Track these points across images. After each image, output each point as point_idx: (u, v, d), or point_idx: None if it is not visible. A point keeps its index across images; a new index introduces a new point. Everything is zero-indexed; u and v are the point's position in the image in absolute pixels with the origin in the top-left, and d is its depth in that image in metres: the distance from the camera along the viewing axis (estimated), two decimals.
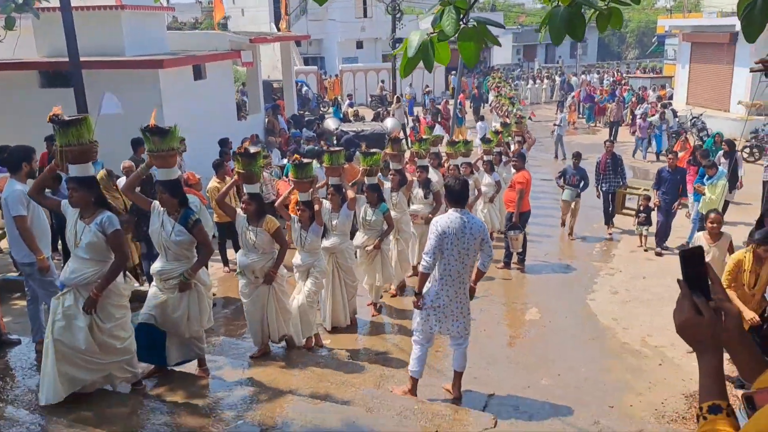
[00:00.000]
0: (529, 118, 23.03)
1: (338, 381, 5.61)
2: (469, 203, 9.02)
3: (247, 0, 37.11)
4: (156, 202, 5.17)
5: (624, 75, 33.54)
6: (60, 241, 8.31)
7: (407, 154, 10.20)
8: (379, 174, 8.02)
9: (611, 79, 31.43)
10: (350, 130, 15.93)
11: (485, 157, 10.76)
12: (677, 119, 19.00)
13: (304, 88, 25.75)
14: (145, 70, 11.89)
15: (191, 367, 5.46)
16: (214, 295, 6.83)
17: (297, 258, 6.44)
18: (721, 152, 11.87)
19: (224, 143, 11.53)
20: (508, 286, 8.89)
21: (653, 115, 20.06)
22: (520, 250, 9.34)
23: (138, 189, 6.01)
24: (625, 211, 11.61)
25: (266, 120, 17.01)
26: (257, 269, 5.84)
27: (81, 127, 4.48)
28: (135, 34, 12.87)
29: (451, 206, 5.15)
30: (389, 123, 17.29)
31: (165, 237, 5.09)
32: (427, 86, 29.42)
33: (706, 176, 9.51)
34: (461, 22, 2.46)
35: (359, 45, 36.83)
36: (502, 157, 11.32)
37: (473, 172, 9.93)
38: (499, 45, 2.99)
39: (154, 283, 5.33)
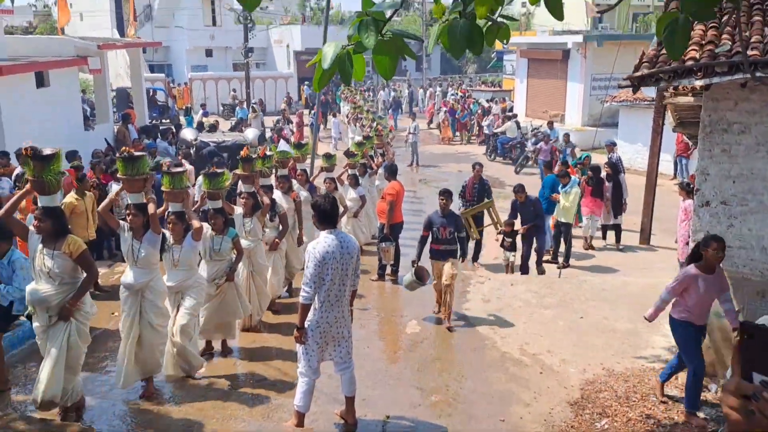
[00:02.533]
0: (389, 131, 23.83)
1: (223, 415, 5.42)
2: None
3: (86, 4, 34.53)
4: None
5: (468, 88, 35.68)
6: None
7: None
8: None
9: (456, 92, 33.30)
10: (210, 141, 15.45)
11: (349, 171, 10.61)
12: (520, 131, 20.60)
13: (160, 95, 24.53)
14: None
15: None
16: None
17: (128, 276, 5.50)
18: (604, 173, 11.61)
19: (71, 156, 10.67)
20: (384, 300, 9.02)
21: (498, 126, 21.64)
22: (392, 261, 9.40)
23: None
24: (479, 229, 10.58)
25: (116, 130, 15.99)
26: (53, 305, 4.86)
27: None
28: None
29: (323, 227, 4.87)
30: (250, 133, 17.01)
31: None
32: (288, 94, 29.34)
33: (561, 185, 10.41)
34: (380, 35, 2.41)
35: (209, 53, 35.76)
36: (367, 169, 11.39)
37: (337, 187, 9.77)
38: (416, 58, 3.08)
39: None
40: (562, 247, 10.53)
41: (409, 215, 12.54)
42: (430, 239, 7.77)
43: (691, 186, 8.51)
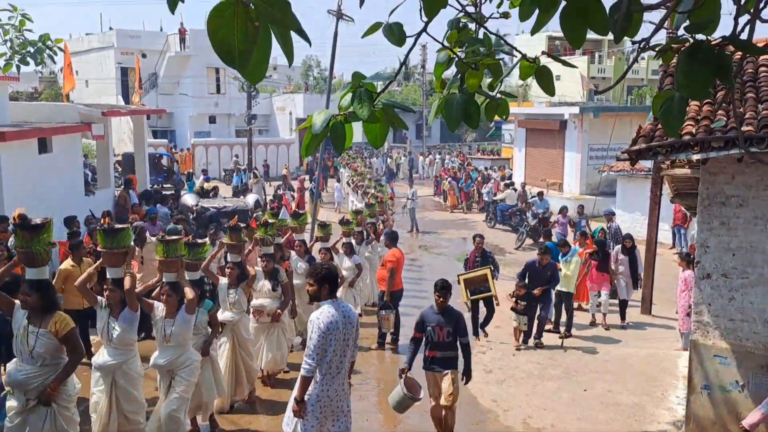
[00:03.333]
0: (390, 199, 24.02)
1: None
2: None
3: (93, 72, 35.51)
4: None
5: (467, 156, 36.20)
6: None
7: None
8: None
9: (455, 159, 33.75)
10: (211, 206, 15.51)
11: (344, 239, 10.40)
12: (520, 197, 20.75)
13: (165, 160, 24.88)
14: None
15: None
16: None
17: (102, 355, 5.15)
18: (618, 247, 11.26)
19: (70, 222, 10.70)
20: (383, 369, 8.88)
21: (497, 193, 21.82)
22: (392, 329, 9.34)
23: None
24: (472, 298, 9.82)
25: (117, 195, 16.09)
26: (31, 388, 4.48)
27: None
28: None
29: (325, 297, 4.72)
30: (250, 199, 17.11)
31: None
32: (286, 166, 29.70)
33: (561, 254, 10.38)
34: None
35: (212, 120, 36.45)
36: (365, 237, 11.25)
37: (332, 257, 9.50)
38: (407, 128, 3.13)
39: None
40: (564, 317, 10.38)
41: (409, 283, 12.47)
42: (423, 343, 6.34)
43: (691, 256, 8.49)
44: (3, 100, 13.21)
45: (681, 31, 2.06)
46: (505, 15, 3.18)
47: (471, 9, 2.98)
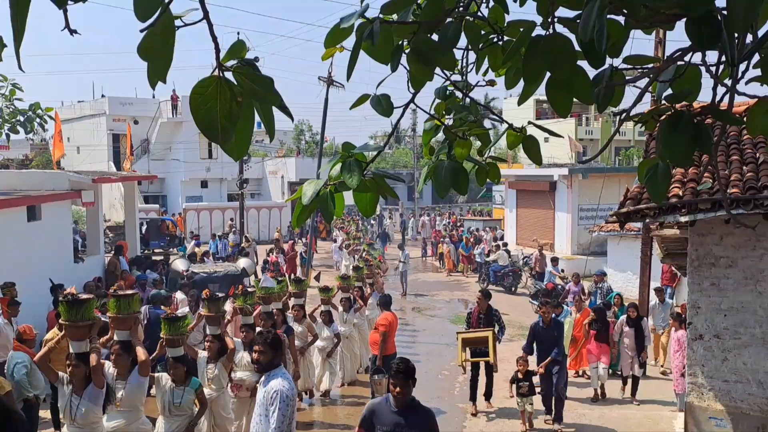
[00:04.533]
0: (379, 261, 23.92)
1: None
2: (302, 348, 8.87)
3: (85, 139, 35.90)
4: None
5: (459, 217, 36.42)
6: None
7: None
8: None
9: (446, 220, 33.92)
10: (202, 271, 15.36)
11: (323, 307, 10.06)
12: (511, 258, 20.77)
13: (170, 224, 25.04)
14: None
15: None
16: None
17: None
18: (624, 317, 10.25)
19: (57, 289, 10.56)
20: None
21: (489, 253, 21.83)
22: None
23: None
24: (471, 360, 9.32)
25: (107, 261, 15.95)
26: None
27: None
28: None
29: (278, 364, 4.65)
30: (242, 263, 16.96)
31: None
32: (278, 229, 29.69)
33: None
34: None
35: (204, 184, 36.67)
36: (353, 302, 10.87)
37: (305, 316, 9.37)
38: (397, 197, 3.16)
39: None
40: None
41: (402, 346, 12.28)
42: None
43: (683, 316, 8.41)
44: None
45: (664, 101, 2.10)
46: (491, 83, 3.24)
47: (457, 77, 3.06)
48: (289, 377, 4.66)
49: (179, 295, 11.33)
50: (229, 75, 1.65)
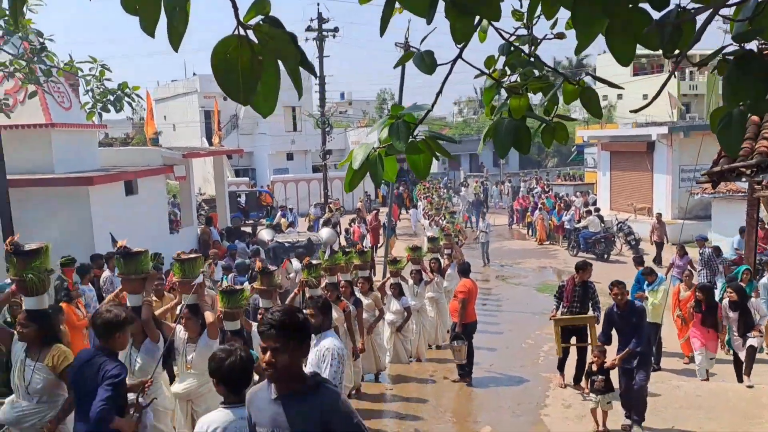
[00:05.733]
0: (463, 221, 23.69)
1: None
2: (370, 325, 8.58)
3: (179, 116, 37.58)
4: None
5: (547, 182, 35.32)
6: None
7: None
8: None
9: (536, 187, 32.99)
10: (285, 241, 15.79)
11: (392, 280, 9.83)
12: (604, 225, 19.97)
13: (266, 195, 26.08)
14: (75, 187, 11.58)
15: None
16: None
17: None
18: (726, 303, 8.76)
19: (155, 258, 11.14)
20: (458, 402, 8.65)
21: (579, 220, 21.08)
22: (464, 361, 9.13)
23: None
24: (562, 345, 8.72)
25: (200, 232, 16.72)
26: (26, 426, 4.20)
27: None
28: (65, 152, 12.64)
29: (327, 327, 4.63)
30: (324, 233, 17.29)
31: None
32: (367, 192, 29.98)
33: (646, 282, 9.62)
34: (411, 136, 2.44)
35: (290, 156, 37.51)
36: (423, 275, 10.57)
37: (371, 289, 9.09)
38: (451, 157, 3.04)
39: None
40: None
41: (484, 315, 12.17)
42: None
43: None
44: (92, 147, 14.14)
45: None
46: (560, 36, 3.04)
47: (523, 31, 2.88)
48: (339, 338, 4.69)
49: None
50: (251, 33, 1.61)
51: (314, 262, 7.37)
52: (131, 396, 4.22)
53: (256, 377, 4.84)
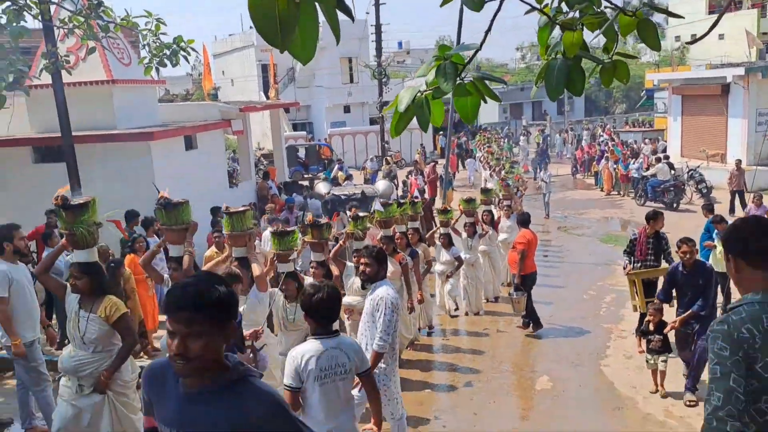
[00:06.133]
0: (524, 171, 23.13)
1: None
2: (419, 278, 8.35)
3: (237, 71, 37.86)
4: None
5: (614, 129, 33.91)
6: (54, 313, 8.07)
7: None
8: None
9: (601, 134, 31.73)
10: (341, 193, 15.82)
11: (442, 230, 9.61)
12: (674, 172, 19.10)
13: (325, 148, 26.27)
14: (137, 142, 11.85)
15: None
16: None
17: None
18: None
19: (215, 211, 11.41)
20: (514, 353, 8.57)
21: (647, 168, 20.20)
22: (523, 313, 9.06)
23: None
24: (645, 300, 7.76)
25: (258, 185, 16.97)
26: (84, 374, 4.36)
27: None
28: (126, 108, 12.90)
29: (382, 277, 4.78)
30: (381, 186, 17.21)
31: None
32: (422, 145, 29.59)
33: (715, 231, 9.18)
34: (458, 79, 2.33)
35: (346, 109, 37.35)
36: (477, 228, 10.22)
37: (421, 240, 8.90)
38: (500, 100, 2.90)
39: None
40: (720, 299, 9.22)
41: (545, 266, 11.93)
42: None
43: None
44: (153, 102, 14.39)
45: None
46: None
47: None
48: (394, 287, 4.78)
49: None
50: None
51: (361, 214, 7.29)
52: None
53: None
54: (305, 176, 23.48)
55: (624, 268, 8.27)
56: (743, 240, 2.39)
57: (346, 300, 6.78)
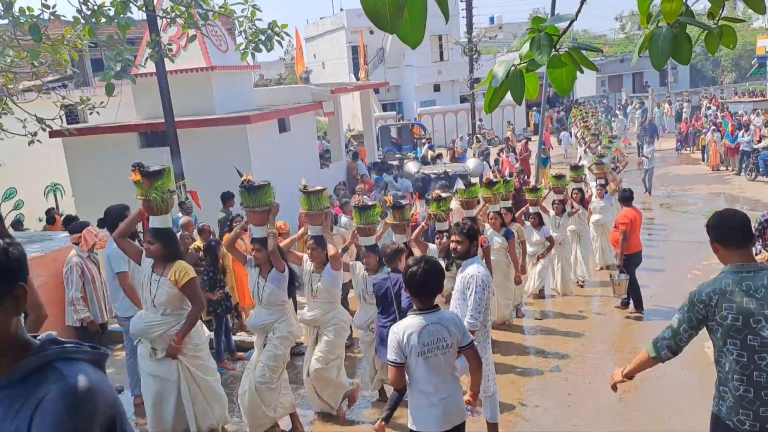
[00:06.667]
0: (624, 145, 22.16)
1: None
2: (514, 259, 8.04)
3: (328, 54, 38.40)
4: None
5: (722, 100, 31.69)
6: None
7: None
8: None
9: (709, 105, 29.73)
10: (431, 172, 15.74)
11: (531, 209, 9.28)
12: None
13: (416, 128, 26.46)
14: (234, 126, 12.28)
15: None
16: None
17: (255, 316, 5.15)
18: None
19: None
20: (613, 332, 8.27)
21: (759, 141, 18.79)
22: (625, 295, 8.70)
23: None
24: None
25: (348, 165, 17.22)
26: (154, 336, 4.52)
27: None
28: (224, 93, 13.39)
29: (473, 254, 4.77)
30: (471, 164, 16.99)
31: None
32: (510, 123, 28.94)
33: None
34: (553, 50, 2.28)
35: (436, 88, 37.04)
36: (566, 207, 9.78)
37: (514, 220, 8.53)
38: (597, 69, 2.78)
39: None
40: None
41: (647, 245, 11.39)
42: None
43: None
44: (248, 87, 14.86)
45: None
46: None
47: None
48: (484, 265, 4.75)
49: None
50: None
51: (444, 195, 7.07)
52: None
53: None
54: (397, 156, 23.59)
55: (757, 255, 6.79)
56: (722, 230, 3.17)
57: None
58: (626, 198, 9.04)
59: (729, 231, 3.14)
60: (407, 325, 3.56)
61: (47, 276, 6.70)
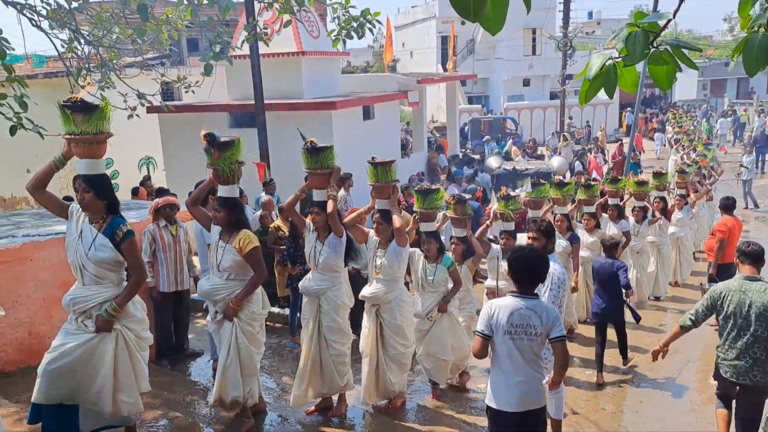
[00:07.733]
0: (722, 153, 21.01)
1: None
2: (576, 264, 7.56)
3: (416, 43, 38.30)
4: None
5: None
6: None
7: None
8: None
9: None
10: (512, 168, 15.47)
11: (610, 201, 9.00)
12: None
13: (509, 122, 26.16)
14: (320, 111, 12.50)
15: None
16: None
17: (307, 280, 5.09)
18: None
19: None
20: (693, 342, 7.81)
21: None
22: None
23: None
24: None
25: (429, 157, 17.19)
26: (217, 299, 4.67)
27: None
28: (312, 78, 13.65)
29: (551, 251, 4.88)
30: (555, 162, 16.56)
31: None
32: (588, 122, 27.90)
33: None
34: (651, 46, 2.30)
35: (526, 83, 36.21)
36: (647, 214, 9.32)
37: (598, 226, 8.23)
38: (696, 68, 2.69)
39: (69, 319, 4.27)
40: None
41: None
42: None
43: None
44: (335, 73, 15.06)
45: None
46: None
47: None
48: (560, 263, 4.80)
49: None
50: None
51: (512, 193, 6.85)
52: None
53: None
54: (495, 151, 23.39)
55: None
56: (741, 252, 4.76)
57: (489, 283, 6.46)
58: (728, 206, 8.58)
59: (746, 254, 4.73)
60: (501, 304, 3.68)
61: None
